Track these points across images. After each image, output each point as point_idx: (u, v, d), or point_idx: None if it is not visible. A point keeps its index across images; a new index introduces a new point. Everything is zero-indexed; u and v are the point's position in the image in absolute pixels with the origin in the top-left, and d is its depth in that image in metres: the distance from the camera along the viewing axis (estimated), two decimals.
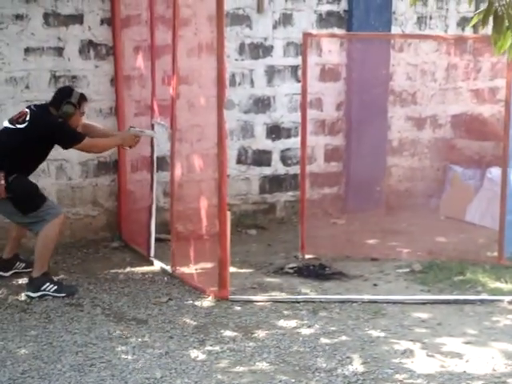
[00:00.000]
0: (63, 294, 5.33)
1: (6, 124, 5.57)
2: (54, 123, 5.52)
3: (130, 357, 4.48)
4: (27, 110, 5.57)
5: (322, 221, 7.07)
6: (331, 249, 6.34)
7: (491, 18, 3.25)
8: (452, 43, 7.62)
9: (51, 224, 5.35)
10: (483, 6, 3.34)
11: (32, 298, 5.30)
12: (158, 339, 4.71)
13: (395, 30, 7.51)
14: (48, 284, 5.34)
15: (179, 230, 5.90)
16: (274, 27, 7.19)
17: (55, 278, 5.48)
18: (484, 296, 5.42)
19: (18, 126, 5.49)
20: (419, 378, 4.24)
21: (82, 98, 5.64)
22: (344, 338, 4.74)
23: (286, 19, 7.22)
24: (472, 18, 3.42)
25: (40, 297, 5.30)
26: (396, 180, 7.68)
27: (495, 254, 6.18)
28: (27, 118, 5.48)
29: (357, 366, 4.38)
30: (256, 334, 4.78)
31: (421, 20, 7.69)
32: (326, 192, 7.48)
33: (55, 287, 5.34)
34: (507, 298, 5.32)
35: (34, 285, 5.35)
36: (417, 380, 4.23)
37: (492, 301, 5.32)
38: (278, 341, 4.68)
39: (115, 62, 6.54)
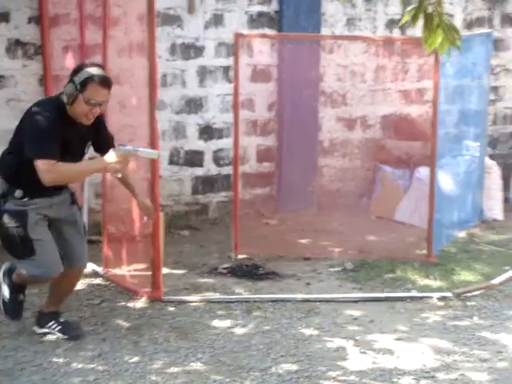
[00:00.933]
0: (67, 336, 4.64)
1: None
2: (29, 111, 4.34)
3: (61, 360, 4.41)
4: None
5: (254, 221, 7.10)
6: (264, 249, 6.37)
7: (421, 17, 3.31)
8: (380, 45, 7.74)
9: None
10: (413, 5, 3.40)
11: (36, 333, 4.72)
12: (90, 341, 4.65)
13: (325, 31, 7.59)
14: (53, 322, 4.69)
15: (111, 232, 5.84)
16: (206, 27, 7.19)
17: (62, 318, 4.79)
18: (414, 293, 5.52)
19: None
20: (352, 375, 4.30)
21: (90, 80, 4.27)
22: (278, 336, 4.76)
23: (217, 20, 7.22)
24: (400, 19, 3.48)
25: (43, 334, 4.71)
26: (327, 180, 7.76)
27: (424, 251, 6.30)
28: None
29: (291, 364, 4.40)
30: (190, 335, 4.77)
31: (350, 22, 7.79)
32: (258, 192, 7.51)
33: (60, 327, 4.67)
34: (436, 295, 5.43)
35: (41, 320, 4.74)
36: (350, 377, 4.28)
37: (422, 298, 5.42)
38: (212, 341, 4.68)
39: (44, 62, 6.44)
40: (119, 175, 4.44)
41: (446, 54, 3.40)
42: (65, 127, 4.30)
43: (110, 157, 4.28)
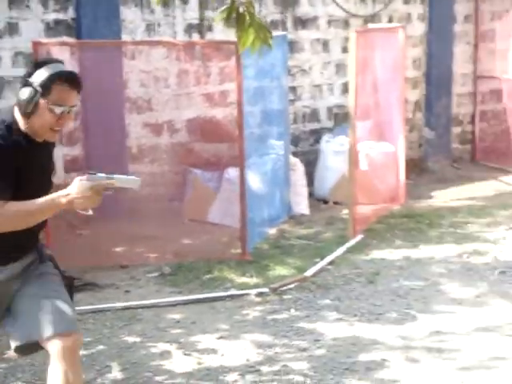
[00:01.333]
0: None
1: None
2: None
3: None
4: None
5: (67, 233, 6.91)
6: (80, 260, 6.23)
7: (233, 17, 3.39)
8: (182, 49, 7.80)
9: None
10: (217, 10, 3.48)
11: None
12: None
13: (126, 37, 7.56)
14: None
15: None
16: (0, 37, 6.94)
17: None
18: (232, 291, 5.63)
19: None
20: (178, 378, 4.32)
21: (55, 79, 3.14)
22: (101, 347, 4.69)
23: (11, 28, 7.00)
24: (199, 23, 3.55)
25: None
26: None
27: (239, 250, 6.43)
28: None
29: (116, 373, 4.36)
30: (6, 355, 4.59)
31: (149, 27, 7.80)
32: None
33: None
34: (254, 291, 5.57)
35: None
36: (176, 380, 4.30)
37: (240, 295, 5.54)
38: (31, 358, 4.52)
39: None
40: (90, 212, 3.27)
41: (257, 52, 3.49)
42: (19, 154, 3.18)
43: (77, 190, 3.18)
